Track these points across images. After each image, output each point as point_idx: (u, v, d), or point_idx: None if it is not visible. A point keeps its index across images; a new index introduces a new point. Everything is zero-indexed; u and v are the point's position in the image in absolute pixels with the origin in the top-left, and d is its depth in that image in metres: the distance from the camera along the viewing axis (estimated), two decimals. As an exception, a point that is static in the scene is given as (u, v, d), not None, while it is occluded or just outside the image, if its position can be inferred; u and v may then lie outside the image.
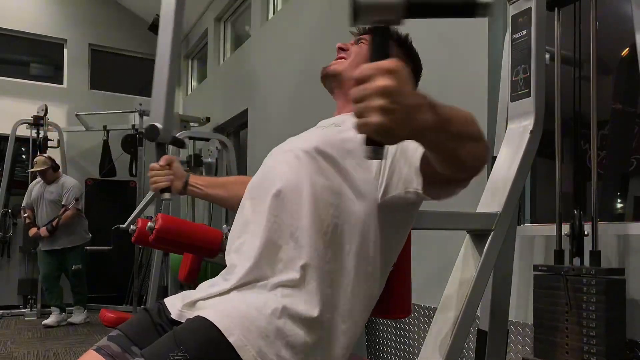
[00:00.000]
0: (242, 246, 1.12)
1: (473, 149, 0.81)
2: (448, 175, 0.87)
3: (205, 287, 1.12)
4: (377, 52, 0.72)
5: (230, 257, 1.14)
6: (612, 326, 1.64)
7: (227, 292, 1.07)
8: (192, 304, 1.09)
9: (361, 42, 1.28)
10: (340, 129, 1.13)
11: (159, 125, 1.81)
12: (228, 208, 1.57)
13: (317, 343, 1.01)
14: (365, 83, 0.66)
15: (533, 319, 1.85)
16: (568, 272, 1.74)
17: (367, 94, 0.66)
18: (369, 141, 0.70)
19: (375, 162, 1.05)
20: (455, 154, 0.80)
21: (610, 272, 1.70)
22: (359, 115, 0.67)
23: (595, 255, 1.77)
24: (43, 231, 5.06)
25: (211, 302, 1.07)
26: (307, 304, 1.00)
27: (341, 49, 1.29)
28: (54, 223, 5.09)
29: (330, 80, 1.28)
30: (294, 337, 0.99)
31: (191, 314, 1.06)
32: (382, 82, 0.65)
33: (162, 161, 1.46)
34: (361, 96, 0.66)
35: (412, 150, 0.97)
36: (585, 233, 1.84)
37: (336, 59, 1.30)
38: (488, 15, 0.72)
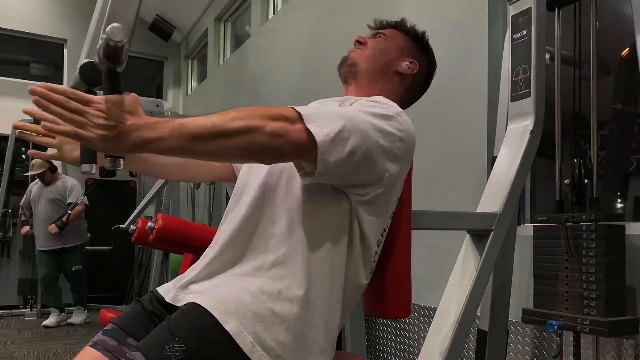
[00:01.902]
0: (231, 219, 1.12)
1: (238, 142, 0.88)
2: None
3: (196, 267, 1.12)
4: (107, 89, 0.90)
5: (220, 228, 1.14)
6: (612, 271, 1.64)
7: (217, 271, 1.06)
8: (185, 286, 1.09)
9: (379, 36, 1.29)
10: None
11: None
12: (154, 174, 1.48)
13: (313, 324, 1.01)
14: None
15: (533, 270, 1.85)
16: (568, 220, 1.74)
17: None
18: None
19: None
20: (213, 153, 0.90)
21: (610, 218, 1.70)
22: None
23: (595, 202, 1.77)
24: (53, 228, 4.99)
25: (205, 286, 1.06)
26: (301, 286, 1.00)
27: (359, 42, 1.29)
28: (63, 219, 5.04)
29: (347, 67, 1.28)
30: (292, 320, 0.98)
31: (185, 297, 1.06)
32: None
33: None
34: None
35: None
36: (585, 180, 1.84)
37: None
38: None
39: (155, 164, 1.30)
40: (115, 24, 0.86)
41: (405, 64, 1.26)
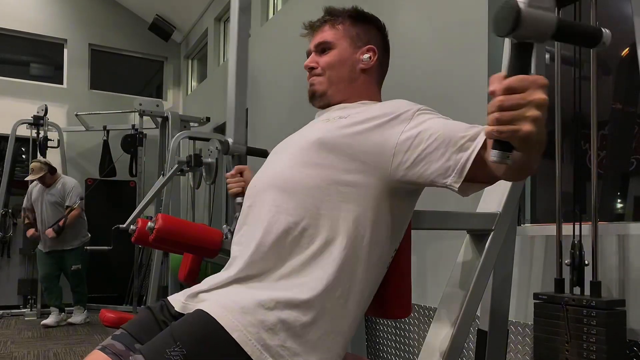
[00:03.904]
0: (242, 237, 1.13)
1: (538, 160, 0.85)
2: (499, 178, 0.94)
3: (208, 281, 1.13)
4: (523, 66, 0.75)
5: (232, 249, 1.15)
6: (612, 358, 1.63)
7: (228, 283, 1.07)
8: (195, 295, 1.10)
9: (324, 49, 1.27)
10: (347, 120, 1.13)
11: (230, 140, 2.33)
12: None
13: (321, 330, 1.01)
14: (519, 93, 0.71)
15: (533, 348, 1.85)
16: (568, 302, 1.74)
17: (523, 104, 0.71)
18: (499, 146, 0.76)
19: (391, 144, 1.05)
20: (531, 164, 0.84)
21: (611, 304, 1.69)
22: (505, 122, 0.72)
23: (596, 286, 1.77)
24: (50, 232, 5.01)
25: (212, 295, 1.07)
26: (311, 291, 1.01)
27: (312, 68, 1.28)
28: (60, 223, 5.05)
29: (319, 99, 1.27)
30: (299, 327, 0.99)
31: (194, 305, 1.06)
32: (541, 95, 0.71)
33: (234, 170, 1.56)
34: (515, 105, 0.71)
35: (459, 146, 0.97)
36: (586, 262, 1.84)
37: (310, 77, 1.29)
38: (603, 49, 0.81)
39: None
40: None
41: (365, 57, 1.24)
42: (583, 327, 1.68)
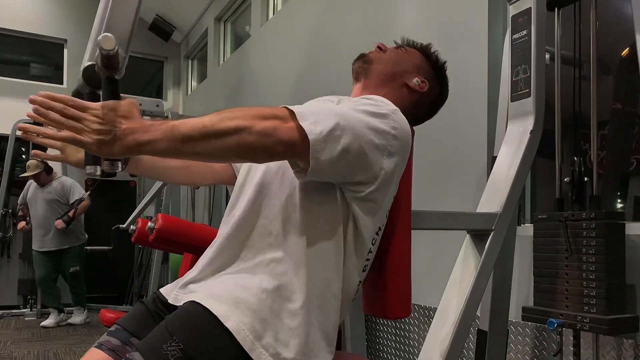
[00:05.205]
0: (231, 218, 1.13)
1: (228, 143, 0.89)
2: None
3: (198, 266, 1.13)
4: (105, 95, 0.95)
5: (221, 227, 1.15)
6: (611, 269, 1.64)
7: (218, 270, 1.07)
8: (185, 285, 1.11)
9: (400, 49, 1.31)
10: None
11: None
12: (167, 180, 1.53)
13: (311, 324, 1.01)
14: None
15: (533, 268, 1.85)
16: (568, 218, 1.74)
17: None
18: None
19: None
20: (204, 153, 0.90)
21: (610, 216, 1.69)
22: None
23: (595, 200, 1.77)
24: (59, 223, 4.99)
25: (204, 284, 1.07)
26: (299, 284, 1.01)
27: (380, 48, 1.31)
28: (70, 214, 5.04)
29: (361, 63, 1.29)
30: (289, 318, 0.99)
31: (184, 296, 1.06)
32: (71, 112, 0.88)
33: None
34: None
35: None
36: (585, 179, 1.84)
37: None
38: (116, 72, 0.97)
39: (158, 168, 1.31)
40: (106, 34, 0.91)
41: (416, 81, 1.27)
42: (583, 240, 1.68)
